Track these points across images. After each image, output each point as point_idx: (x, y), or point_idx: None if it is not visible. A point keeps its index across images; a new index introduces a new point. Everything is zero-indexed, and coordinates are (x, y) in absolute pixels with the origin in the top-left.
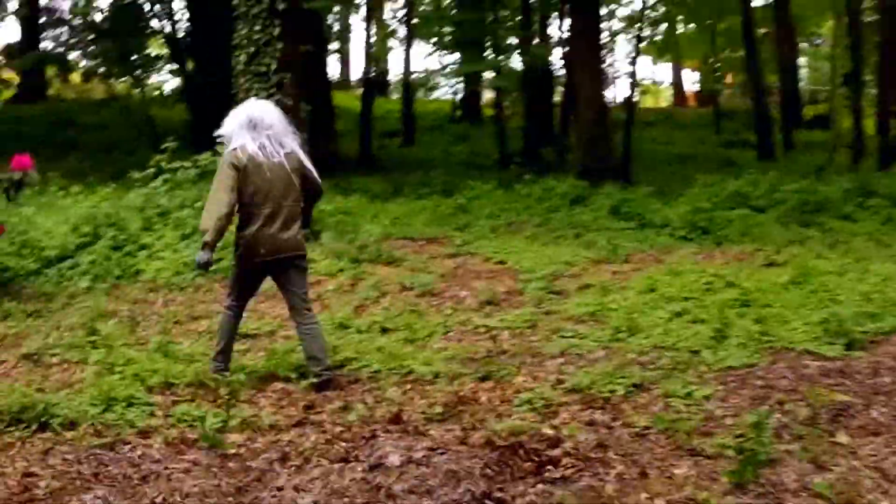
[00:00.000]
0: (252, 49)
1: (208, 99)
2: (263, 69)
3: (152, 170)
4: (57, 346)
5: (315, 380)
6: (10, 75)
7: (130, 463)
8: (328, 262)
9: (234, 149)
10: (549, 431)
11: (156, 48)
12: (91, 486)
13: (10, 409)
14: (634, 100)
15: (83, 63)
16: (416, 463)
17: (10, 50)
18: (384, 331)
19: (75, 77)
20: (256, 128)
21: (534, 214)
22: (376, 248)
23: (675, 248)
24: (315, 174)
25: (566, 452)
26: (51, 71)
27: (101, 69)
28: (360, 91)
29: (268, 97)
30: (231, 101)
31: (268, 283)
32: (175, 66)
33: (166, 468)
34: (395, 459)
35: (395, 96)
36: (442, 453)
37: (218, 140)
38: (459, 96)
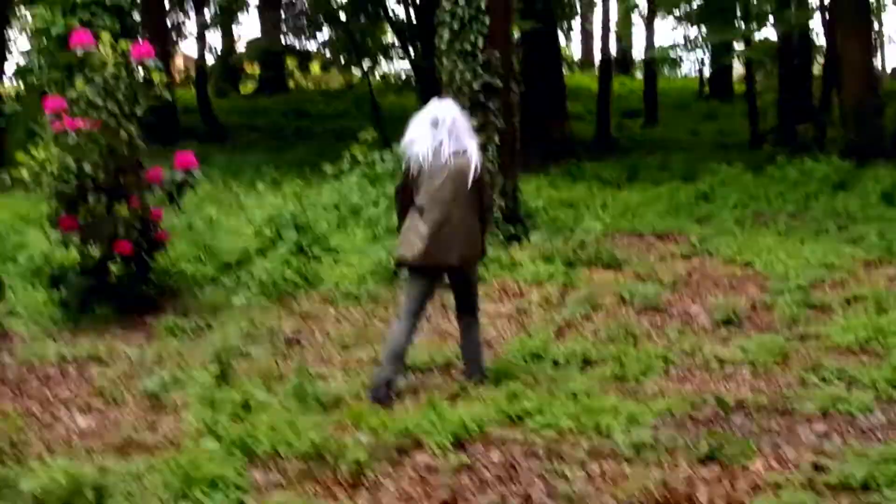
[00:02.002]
0: (456, 25)
1: (436, 84)
2: (469, 47)
3: (346, 163)
4: (183, 381)
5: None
6: (253, 69)
7: None
8: (535, 266)
9: (412, 151)
10: None
11: (388, 35)
12: None
13: (59, 493)
14: None
15: (325, 53)
16: None
17: (251, 45)
18: (586, 364)
19: (315, 68)
20: (437, 126)
21: (788, 202)
22: (595, 247)
23: None
24: (489, 196)
25: None
26: (291, 63)
27: (335, 58)
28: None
29: (473, 78)
30: (439, 85)
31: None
32: (403, 53)
33: None
34: None
35: (639, 75)
36: None
37: (404, 144)
38: (707, 72)
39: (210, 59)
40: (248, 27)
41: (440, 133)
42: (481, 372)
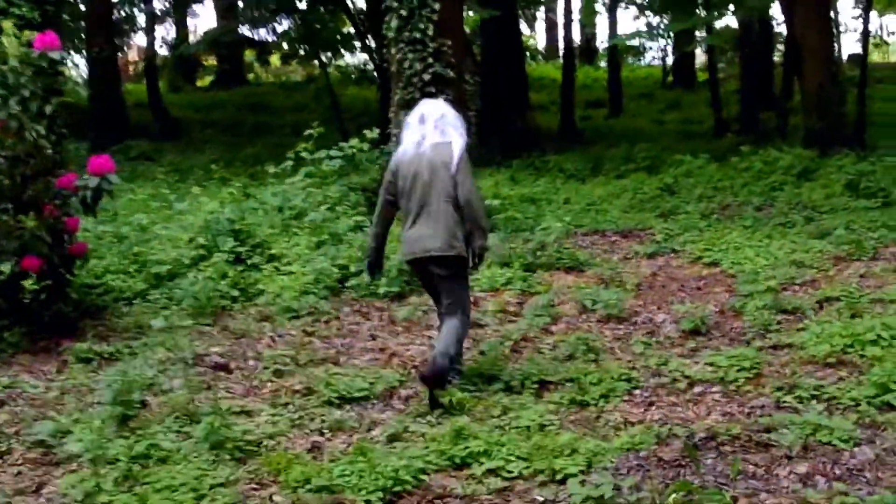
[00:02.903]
0: (404, 12)
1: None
2: (418, 35)
3: (290, 162)
4: (84, 425)
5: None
6: (210, 62)
7: None
8: (493, 271)
9: (398, 150)
10: None
11: (346, 26)
12: None
13: None
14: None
15: (283, 45)
16: None
17: (206, 35)
18: (541, 387)
19: (275, 61)
20: (423, 121)
21: (753, 194)
22: (557, 248)
23: None
24: (466, 189)
25: None
26: (250, 55)
27: (293, 49)
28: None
29: (423, 68)
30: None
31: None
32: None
33: None
34: None
35: (603, 65)
36: None
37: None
38: (670, 60)
39: (166, 52)
40: (205, 19)
41: (425, 128)
42: (442, 368)
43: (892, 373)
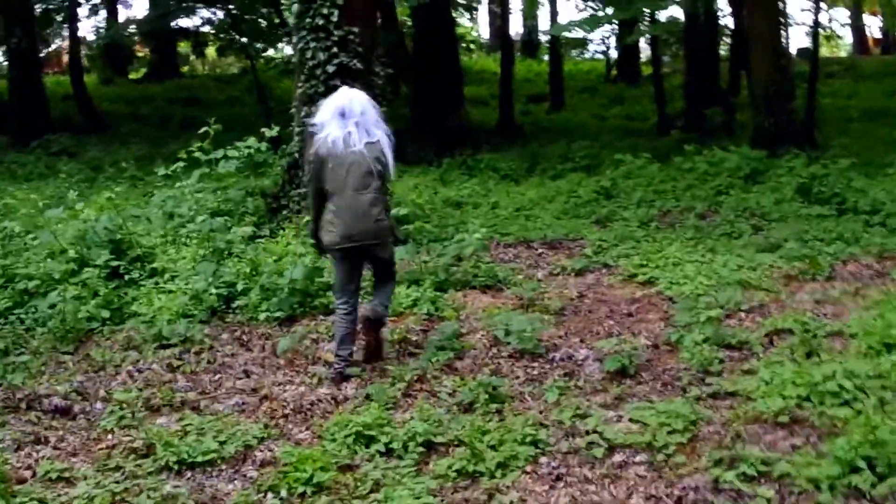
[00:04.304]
0: None
1: None
2: (321, 22)
3: (181, 164)
4: None
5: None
6: (144, 53)
7: None
8: (398, 290)
9: (320, 137)
10: None
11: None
12: None
13: None
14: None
15: (215, 35)
16: None
17: (128, 23)
18: (429, 450)
19: (212, 53)
20: (345, 116)
21: (697, 199)
22: (475, 262)
23: None
24: (390, 169)
25: None
26: (185, 47)
27: (219, 39)
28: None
29: (327, 59)
30: None
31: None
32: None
33: None
34: None
35: (546, 58)
36: None
37: (310, 129)
38: (614, 54)
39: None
40: (139, 9)
41: (348, 125)
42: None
43: (860, 444)
